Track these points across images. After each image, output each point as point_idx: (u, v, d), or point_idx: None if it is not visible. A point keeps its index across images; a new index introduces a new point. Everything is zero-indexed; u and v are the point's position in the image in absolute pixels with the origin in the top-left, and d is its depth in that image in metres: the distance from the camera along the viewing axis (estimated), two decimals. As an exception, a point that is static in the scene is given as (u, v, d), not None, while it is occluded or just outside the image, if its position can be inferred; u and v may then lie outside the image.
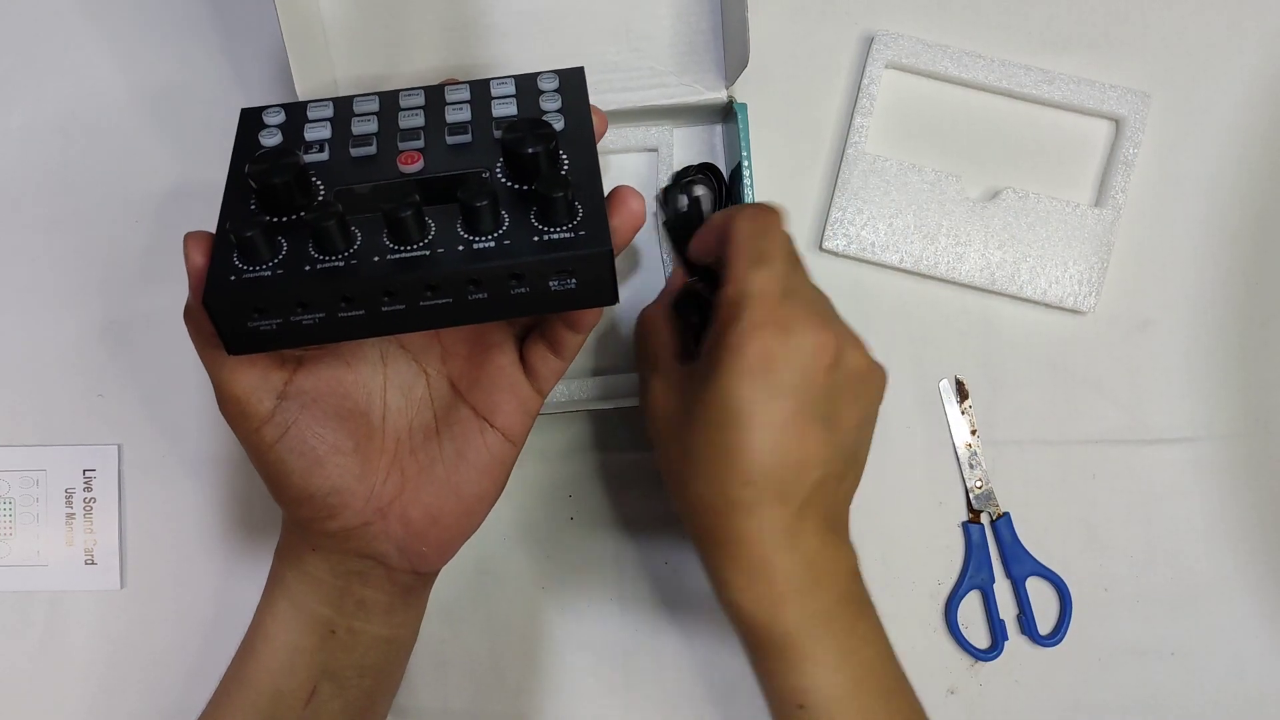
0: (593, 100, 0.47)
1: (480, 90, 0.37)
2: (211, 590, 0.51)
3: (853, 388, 0.37)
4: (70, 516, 0.51)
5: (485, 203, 0.30)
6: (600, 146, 0.49)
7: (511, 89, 0.37)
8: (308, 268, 0.31)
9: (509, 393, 0.38)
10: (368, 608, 0.38)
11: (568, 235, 0.31)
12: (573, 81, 0.37)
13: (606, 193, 0.34)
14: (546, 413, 0.48)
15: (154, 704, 0.50)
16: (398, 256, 0.31)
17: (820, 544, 0.36)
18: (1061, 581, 0.50)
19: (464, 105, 0.36)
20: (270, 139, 0.35)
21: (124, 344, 0.51)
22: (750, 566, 0.36)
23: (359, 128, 0.36)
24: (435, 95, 0.37)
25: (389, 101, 0.37)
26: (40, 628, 0.51)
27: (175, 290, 0.51)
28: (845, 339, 0.36)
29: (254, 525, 0.51)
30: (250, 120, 0.37)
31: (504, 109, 0.36)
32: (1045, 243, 0.50)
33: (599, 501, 0.51)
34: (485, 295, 0.31)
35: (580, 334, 0.37)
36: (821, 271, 0.50)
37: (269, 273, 0.31)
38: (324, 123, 0.36)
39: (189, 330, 0.34)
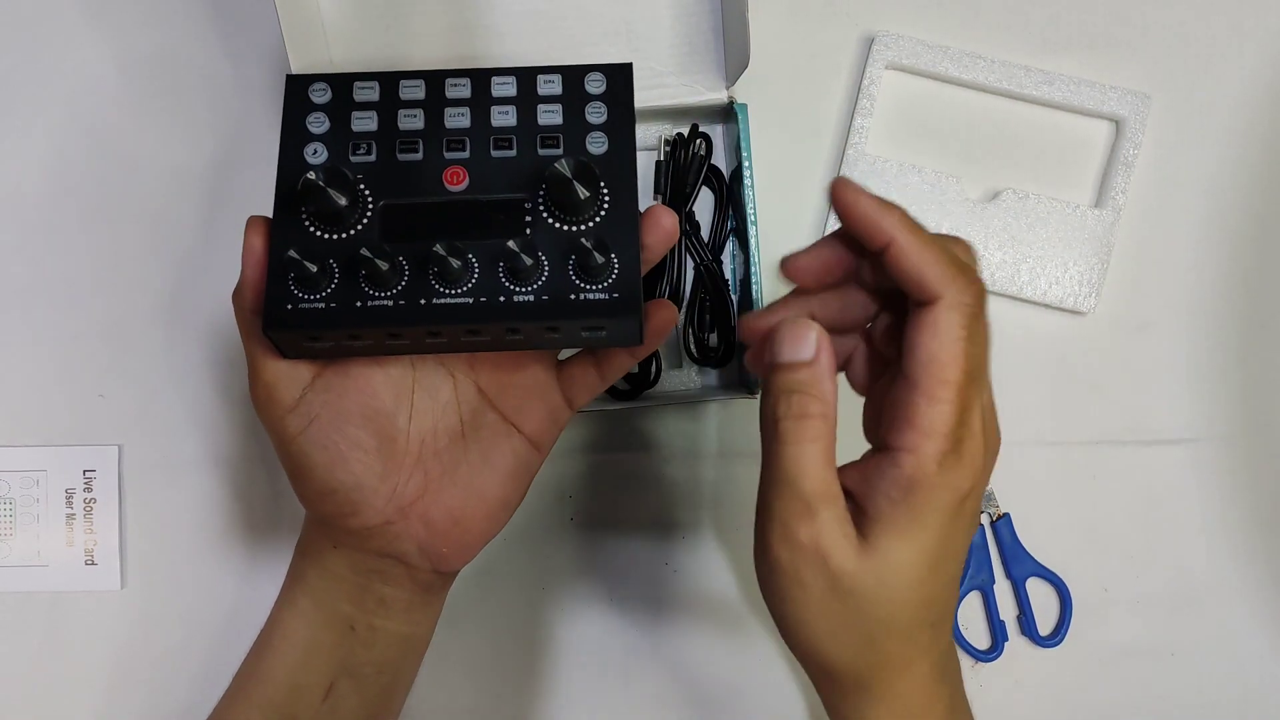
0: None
1: (526, 85, 0.36)
2: (212, 590, 0.51)
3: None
4: (70, 517, 0.51)
5: (529, 262, 0.32)
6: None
7: (558, 88, 0.36)
8: (359, 303, 0.33)
9: (540, 401, 0.38)
10: (388, 605, 0.38)
11: (602, 297, 0.33)
12: (620, 83, 0.37)
13: (645, 208, 0.35)
14: (547, 413, 0.48)
15: (154, 704, 0.50)
16: (444, 302, 0.33)
17: (949, 644, 0.36)
18: (1061, 582, 0.50)
19: (509, 105, 0.36)
20: (318, 126, 0.35)
21: (124, 344, 0.51)
22: (906, 704, 0.34)
23: (406, 123, 0.36)
24: (481, 86, 0.36)
25: (435, 90, 0.36)
26: (40, 628, 0.51)
27: (176, 290, 0.52)
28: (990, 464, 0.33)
29: (255, 525, 0.51)
30: (296, 94, 0.36)
31: (549, 118, 0.36)
32: (1045, 243, 0.50)
33: (599, 502, 0.51)
34: (521, 337, 0.34)
35: (634, 359, 0.38)
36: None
37: (323, 305, 0.33)
38: (370, 112, 0.36)
39: (235, 310, 0.34)
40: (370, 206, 0.34)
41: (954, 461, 0.30)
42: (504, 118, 0.36)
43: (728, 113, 0.48)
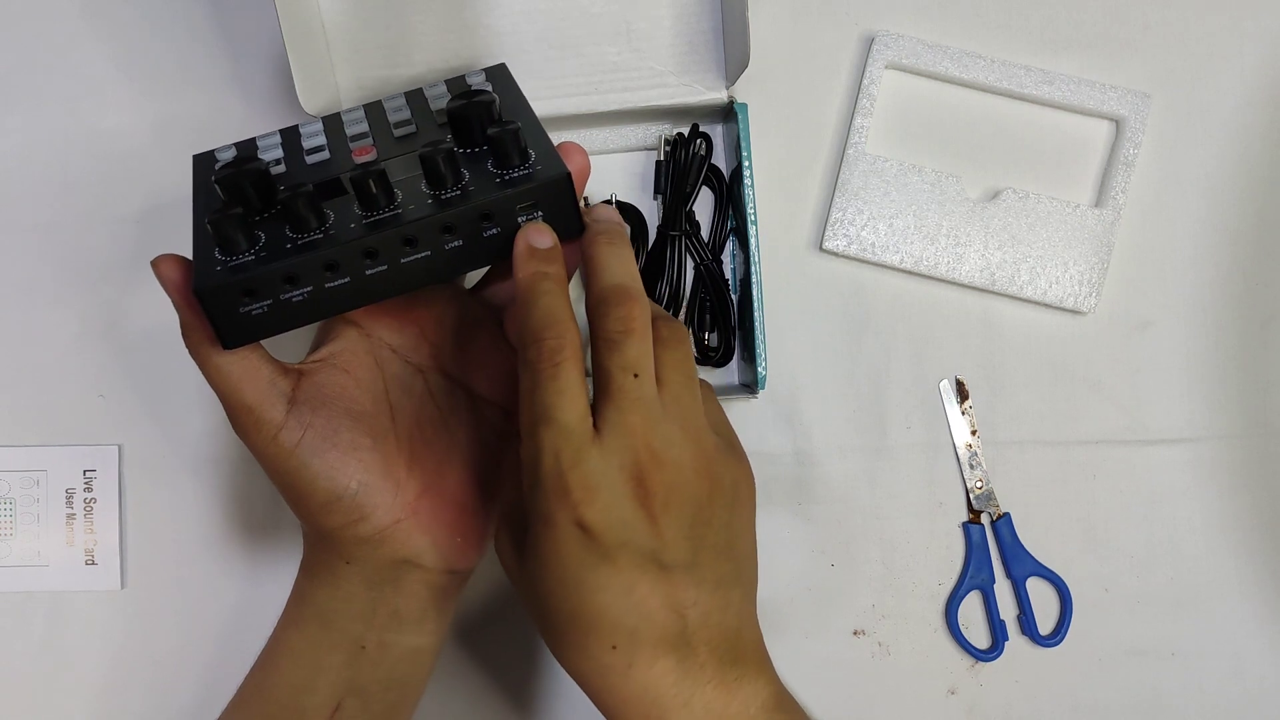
0: (594, 101, 0.47)
1: (416, 97, 0.40)
2: (212, 590, 0.51)
3: (712, 513, 0.34)
4: (71, 517, 0.51)
5: (442, 156, 0.32)
6: (601, 144, 0.50)
7: (444, 90, 0.40)
8: (289, 245, 0.32)
9: (499, 368, 0.39)
10: (401, 618, 0.38)
11: (526, 171, 0.33)
12: (500, 75, 0.41)
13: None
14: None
15: (154, 704, 0.50)
16: (372, 219, 0.33)
17: (717, 691, 0.33)
18: (1061, 582, 0.50)
19: (403, 108, 0.39)
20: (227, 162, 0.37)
21: (124, 344, 0.51)
22: None
23: (309, 143, 0.38)
24: (375, 108, 0.40)
25: (333, 122, 0.39)
26: (40, 628, 0.51)
27: (175, 290, 0.51)
28: (681, 472, 0.33)
29: (255, 525, 0.51)
30: (203, 163, 0.38)
31: (440, 104, 0.38)
32: (1045, 243, 0.50)
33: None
34: (461, 242, 0.33)
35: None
36: (822, 272, 0.51)
37: (252, 257, 0.32)
38: (275, 147, 0.38)
39: (190, 347, 0.34)
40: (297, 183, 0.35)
41: (538, 493, 0.32)
42: (399, 114, 0.38)
43: (728, 112, 0.48)
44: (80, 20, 0.52)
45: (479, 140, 0.35)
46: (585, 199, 0.49)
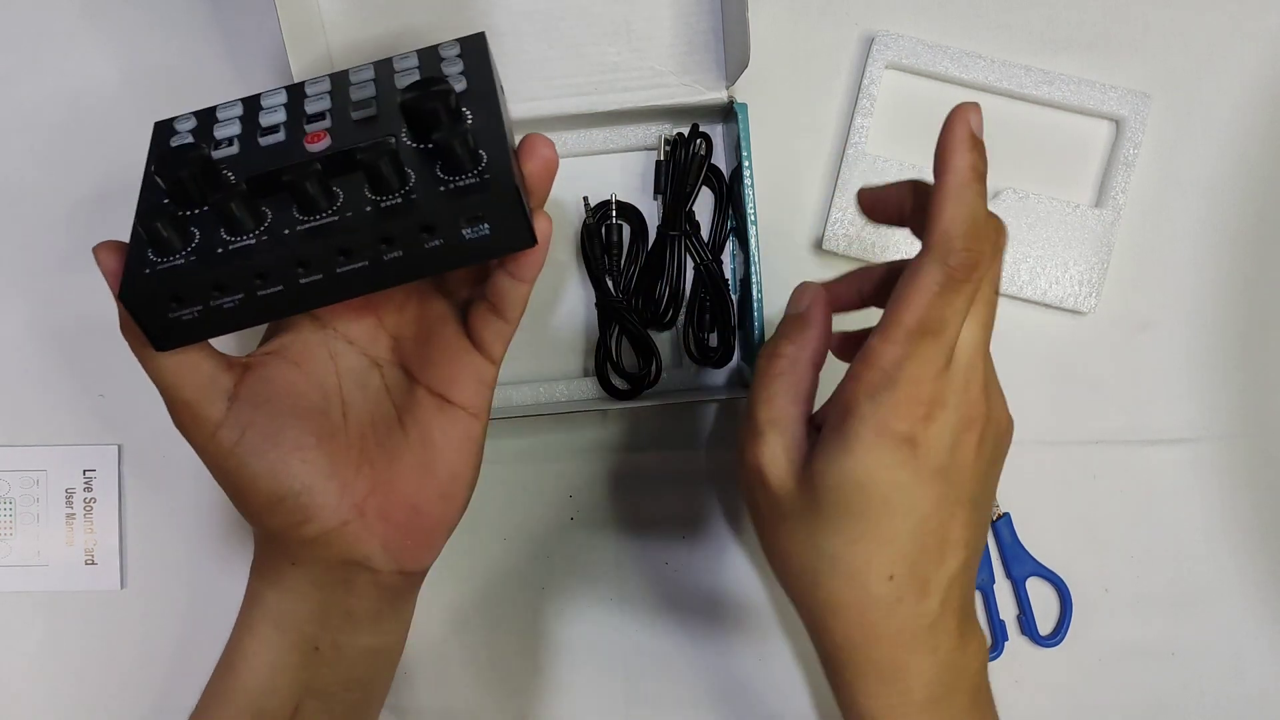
0: (593, 101, 0.47)
1: (384, 68, 0.37)
2: (212, 590, 0.51)
3: (999, 459, 0.34)
4: (70, 516, 0.51)
5: (385, 160, 0.30)
6: (601, 144, 0.50)
7: (414, 62, 0.37)
8: (220, 250, 0.31)
9: (461, 366, 0.36)
10: (355, 619, 0.37)
11: (473, 181, 0.31)
12: (474, 47, 0.37)
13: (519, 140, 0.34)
14: (547, 413, 0.48)
15: (154, 704, 0.50)
16: (308, 226, 0.31)
17: (957, 641, 0.33)
18: (1061, 582, 0.50)
19: (368, 83, 0.37)
20: (181, 142, 0.36)
21: (124, 344, 0.51)
22: (885, 672, 0.33)
23: (267, 119, 0.36)
24: (340, 79, 0.37)
25: (295, 92, 0.37)
26: (40, 628, 0.51)
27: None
28: (997, 408, 0.34)
29: (254, 525, 0.51)
30: (162, 131, 0.37)
31: (407, 79, 0.36)
32: (1045, 243, 0.50)
33: (599, 501, 0.51)
34: (401, 253, 0.31)
35: (520, 282, 0.34)
36: (822, 272, 0.51)
37: (181, 261, 0.31)
38: (233, 120, 0.36)
39: (128, 341, 0.33)
40: (234, 183, 0.33)
41: (887, 396, 0.31)
42: (363, 91, 0.36)
43: (727, 112, 0.48)
44: (81, 21, 0.52)
45: (432, 135, 0.32)
46: (585, 199, 0.49)
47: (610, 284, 0.49)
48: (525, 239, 0.32)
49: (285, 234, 0.31)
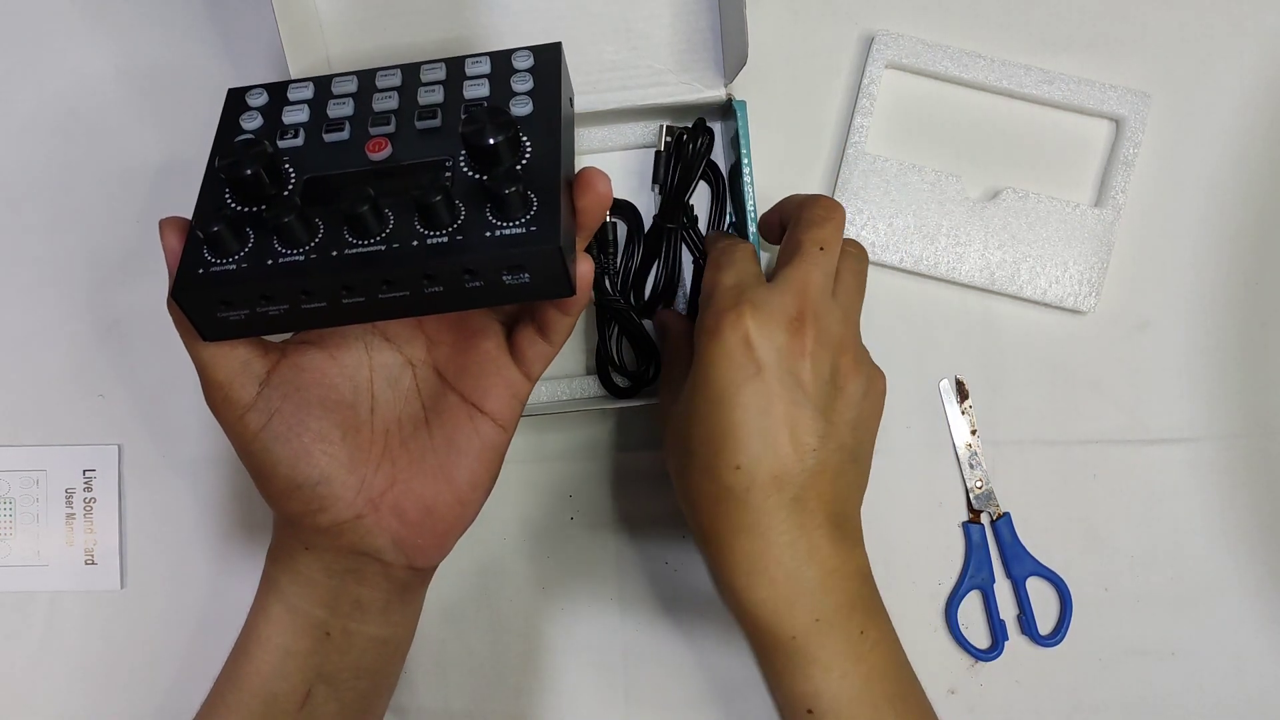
0: (592, 100, 0.47)
1: (455, 69, 0.38)
2: (211, 590, 0.51)
3: (847, 382, 0.37)
4: (70, 516, 0.51)
5: (438, 199, 0.31)
6: (600, 144, 0.50)
7: (486, 68, 0.37)
8: (270, 262, 0.32)
9: (497, 378, 0.37)
10: (364, 608, 0.37)
11: (519, 231, 0.31)
12: (548, 59, 0.37)
13: (578, 170, 0.34)
14: (547, 413, 0.48)
15: (154, 704, 0.50)
16: (355, 252, 0.32)
17: (828, 543, 0.36)
18: (1061, 581, 0.50)
19: (437, 86, 0.37)
20: (251, 122, 0.36)
21: (124, 344, 0.51)
22: (754, 563, 0.35)
23: (335, 111, 0.36)
24: (411, 75, 0.38)
25: (366, 82, 0.38)
26: (40, 628, 0.51)
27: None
28: (831, 332, 0.37)
29: (254, 525, 0.51)
30: (235, 101, 0.37)
31: (476, 90, 0.37)
32: (1045, 243, 0.50)
33: (599, 501, 0.51)
34: (441, 289, 0.32)
35: (568, 316, 0.36)
36: (821, 271, 0.51)
37: (234, 267, 0.32)
38: (302, 105, 0.37)
39: (173, 319, 0.34)
40: (293, 181, 0.34)
41: (732, 299, 0.37)
42: (431, 95, 0.37)
43: (726, 110, 0.48)
44: (80, 21, 0.52)
45: (489, 167, 0.33)
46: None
47: (607, 283, 0.49)
48: (564, 289, 0.33)
49: (333, 255, 0.32)
